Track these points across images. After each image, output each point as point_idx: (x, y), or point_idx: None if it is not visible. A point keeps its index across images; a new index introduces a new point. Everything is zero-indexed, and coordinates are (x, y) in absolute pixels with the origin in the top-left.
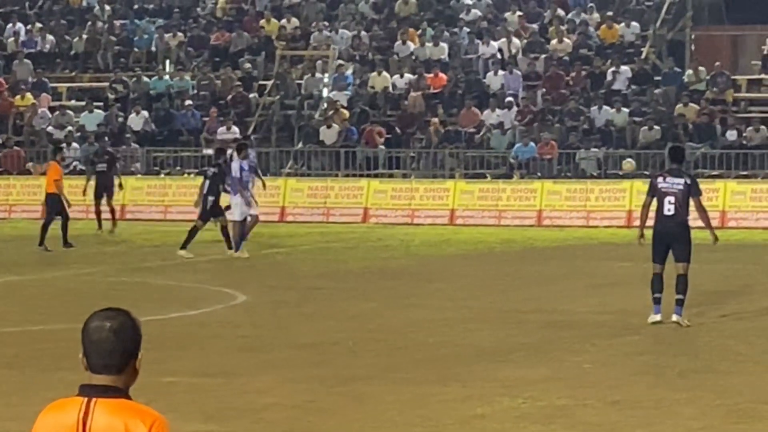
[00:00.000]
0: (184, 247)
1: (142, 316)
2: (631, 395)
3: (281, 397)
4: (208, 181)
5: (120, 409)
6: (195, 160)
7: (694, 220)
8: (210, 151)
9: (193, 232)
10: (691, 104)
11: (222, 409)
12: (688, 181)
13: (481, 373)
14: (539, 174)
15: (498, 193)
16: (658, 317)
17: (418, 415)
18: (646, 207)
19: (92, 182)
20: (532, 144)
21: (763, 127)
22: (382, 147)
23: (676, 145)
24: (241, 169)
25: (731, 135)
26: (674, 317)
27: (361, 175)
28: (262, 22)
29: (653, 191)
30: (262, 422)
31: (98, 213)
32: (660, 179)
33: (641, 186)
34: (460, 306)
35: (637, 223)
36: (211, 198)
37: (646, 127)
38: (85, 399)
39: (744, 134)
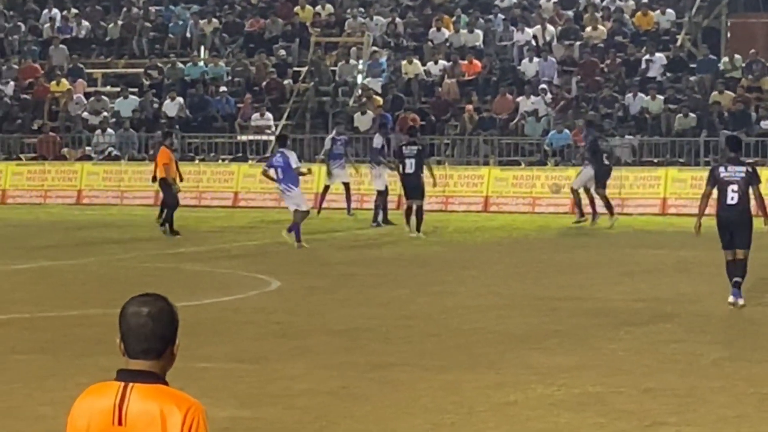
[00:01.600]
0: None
1: (176, 302)
2: (664, 383)
3: (314, 383)
4: (412, 160)
5: (156, 394)
6: (229, 147)
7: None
8: (245, 138)
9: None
10: (727, 92)
11: (255, 395)
12: (750, 170)
13: (514, 360)
14: (573, 161)
15: (532, 180)
16: (741, 302)
17: (451, 402)
18: (706, 197)
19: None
20: (566, 131)
21: None
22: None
23: (733, 135)
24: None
25: (766, 122)
26: (731, 299)
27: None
28: (297, 8)
29: (714, 181)
30: (295, 408)
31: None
32: (722, 169)
33: (676, 173)
34: (494, 293)
35: (672, 210)
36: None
37: (681, 115)
38: (122, 384)
39: None
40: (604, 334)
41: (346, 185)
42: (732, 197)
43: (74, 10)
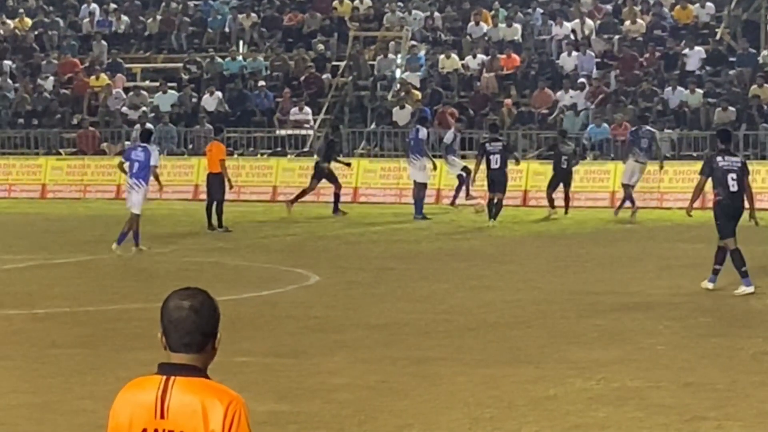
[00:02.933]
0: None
1: (215, 296)
2: (704, 377)
3: (353, 378)
4: (498, 156)
5: (198, 387)
6: (268, 141)
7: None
8: (283, 132)
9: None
10: (766, 85)
11: (294, 389)
12: (743, 160)
13: (553, 355)
14: (612, 155)
15: (572, 175)
16: (751, 289)
17: (490, 396)
18: (700, 187)
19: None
20: (605, 125)
21: None
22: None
23: (724, 128)
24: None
25: None
26: (743, 289)
27: (434, 156)
28: (335, 2)
29: (710, 171)
30: (334, 402)
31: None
32: (719, 158)
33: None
34: (532, 287)
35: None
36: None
37: (720, 108)
38: (164, 377)
39: None
40: (643, 329)
41: (459, 177)
42: (733, 185)
43: (113, 5)
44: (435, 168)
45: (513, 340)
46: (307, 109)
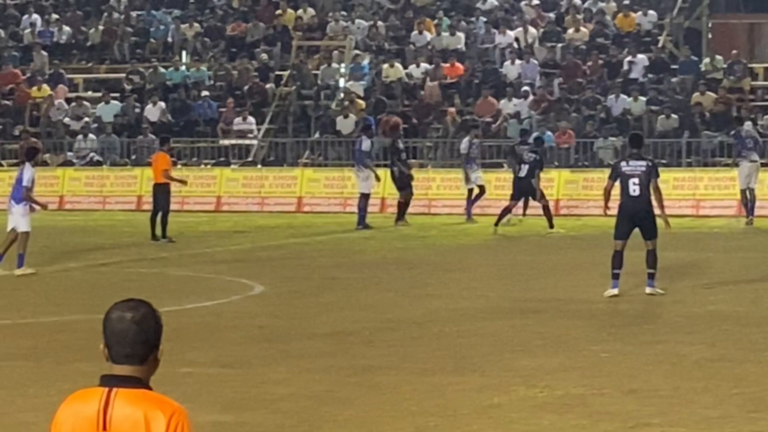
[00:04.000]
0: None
1: (159, 306)
2: (647, 384)
3: (298, 387)
4: (527, 165)
5: (140, 399)
6: (212, 151)
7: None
8: (227, 142)
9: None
10: (708, 93)
11: (238, 400)
12: (650, 164)
13: (497, 363)
14: (556, 163)
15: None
16: (615, 291)
17: (435, 405)
18: (607, 190)
19: None
20: (549, 133)
21: None
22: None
23: (636, 132)
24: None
25: (748, 123)
26: (648, 290)
27: (378, 165)
28: (279, 12)
29: (616, 175)
30: (279, 412)
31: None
32: (623, 163)
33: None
34: (477, 296)
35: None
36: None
37: (663, 116)
38: (106, 389)
39: (761, 122)
40: (587, 336)
41: (481, 188)
42: (634, 189)
43: (55, 16)
44: (378, 179)
45: (457, 348)
46: (251, 119)
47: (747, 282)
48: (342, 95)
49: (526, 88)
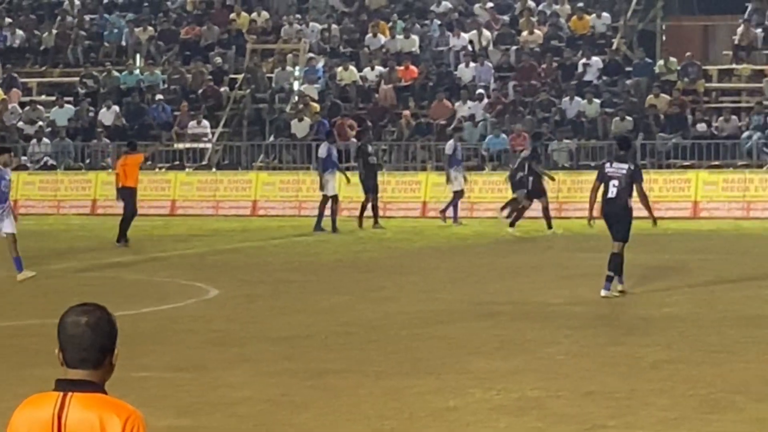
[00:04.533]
0: (512, 225)
1: (114, 311)
2: (604, 386)
3: (254, 391)
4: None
5: (95, 403)
6: (166, 155)
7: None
8: (182, 146)
9: (521, 211)
10: (663, 95)
11: (195, 404)
12: (632, 167)
13: (454, 366)
14: (510, 165)
15: (470, 185)
16: (604, 293)
17: (391, 408)
18: (593, 191)
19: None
20: (503, 136)
21: (734, 117)
22: (354, 140)
23: (623, 134)
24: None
25: (702, 125)
26: (603, 293)
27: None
28: (233, 15)
29: (601, 176)
30: (235, 416)
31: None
32: (607, 165)
33: None
34: (433, 298)
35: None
36: (530, 178)
37: (617, 118)
38: (61, 393)
39: (715, 124)
40: (542, 338)
41: (460, 192)
42: (612, 191)
43: (8, 19)
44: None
45: (413, 351)
46: (205, 123)
47: (703, 284)
48: (296, 98)
49: (480, 90)
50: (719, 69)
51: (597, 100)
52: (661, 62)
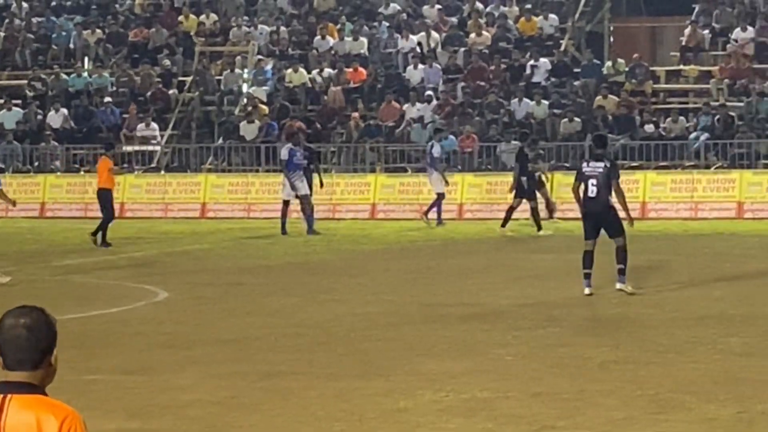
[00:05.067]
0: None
1: (63, 314)
2: (552, 387)
3: (203, 394)
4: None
5: (33, 404)
6: (115, 157)
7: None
8: (130, 148)
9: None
10: (611, 96)
11: (144, 406)
12: (608, 165)
13: (403, 367)
14: (460, 167)
15: (419, 187)
16: (586, 291)
17: (341, 410)
18: (575, 191)
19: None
20: (452, 137)
21: (681, 117)
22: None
23: (599, 133)
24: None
25: (650, 126)
26: (618, 285)
27: (282, 171)
28: (181, 18)
29: (580, 176)
30: (185, 419)
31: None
32: (584, 164)
33: (561, 178)
34: (383, 300)
35: (559, 213)
36: (523, 178)
37: (566, 119)
38: (0, 396)
39: (663, 125)
40: (492, 339)
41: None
42: (592, 190)
43: None
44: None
45: (363, 353)
46: (154, 125)
47: (652, 285)
48: (245, 101)
49: (429, 92)
50: (667, 70)
51: (545, 102)
52: (609, 63)
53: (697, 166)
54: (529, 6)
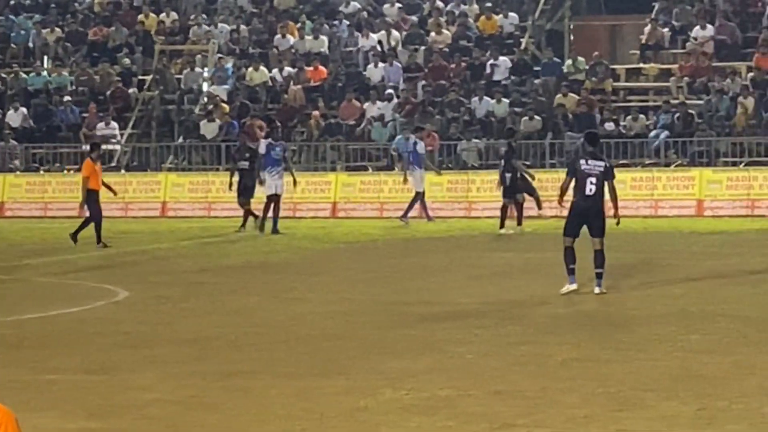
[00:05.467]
0: (502, 226)
1: (23, 313)
2: (513, 385)
3: (164, 393)
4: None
5: None
6: (74, 157)
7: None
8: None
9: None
10: (571, 94)
11: (105, 406)
12: (607, 165)
13: (364, 366)
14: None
15: (380, 185)
16: (574, 287)
17: (302, 408)
18: (564, 188)
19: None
20: (412, 136)
21: (641, 116)
22: (263, 140)
23: (592, 131)
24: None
25: (610, 124)
26: (596, 290)
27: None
28: (141, 16)
29: (574, 173)
30: (146, 418)
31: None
32: (582, 161)
33: None
34: (343, 299)
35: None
36: (508, 175)
37: (526, 117)
38: None
39: (623, 123)
40: (453, 338)
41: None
42: (590, 189)
43: None
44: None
45: (324, 351)
46: (114, 124)
47: (612, 282)
48: (205, 99)
49: (390, 90)
50: (627, 68)
51: (506, 100)
52: (569, 62)
53: (657, 164)
54: (489, 4)
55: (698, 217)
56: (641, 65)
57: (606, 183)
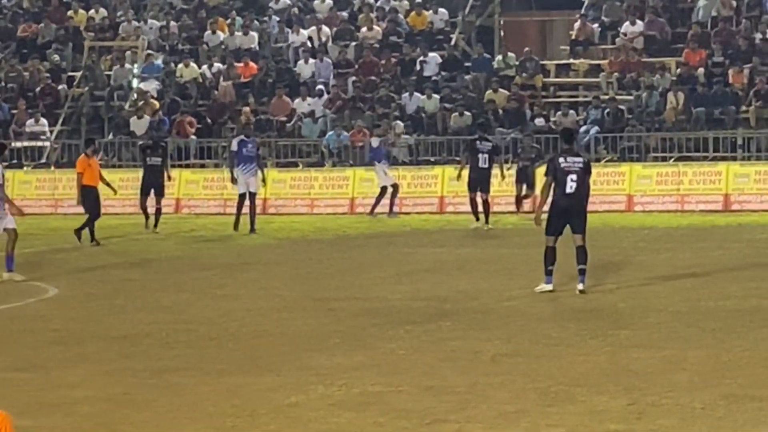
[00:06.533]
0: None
1: None
2: (444, 380)
3: (94, 390)
4: (486, 155)
5: None
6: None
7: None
8: (19, 144)
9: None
10: (501, 90)
11: (34, 404)
12: (585, 160)
13: (294, 362)
14: (351, 162)
15: (310, 182)
16: (549, 287)
17: (232, 405)
18: (547, 188)
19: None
20: (343, 132)
21: (572, 111)
22: (194, 137)
23: (567, 127)
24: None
25: (540, 120)
26: (580, 287)
27: (173, 166)
28: (70, 12)
29: (554, 171)
30: (76, 416)
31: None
32: (561, 159)
33: (452, 172)
34: (273, 295)
35: (450, 208)
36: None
37: (456, 113)
38: None
39: (553, 119)
40: (383, 334)
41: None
42: (571, 186)
43: None
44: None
45: (254, 348)
46: (44, 121)
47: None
48: (135, 96)
49: (320, 86)
50: (557, 64)
51: (436, 96)
52: (499, 57)
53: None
54: (419, 0)
55: (628, 212)
56: (571, 61)
57: (586, 180)
